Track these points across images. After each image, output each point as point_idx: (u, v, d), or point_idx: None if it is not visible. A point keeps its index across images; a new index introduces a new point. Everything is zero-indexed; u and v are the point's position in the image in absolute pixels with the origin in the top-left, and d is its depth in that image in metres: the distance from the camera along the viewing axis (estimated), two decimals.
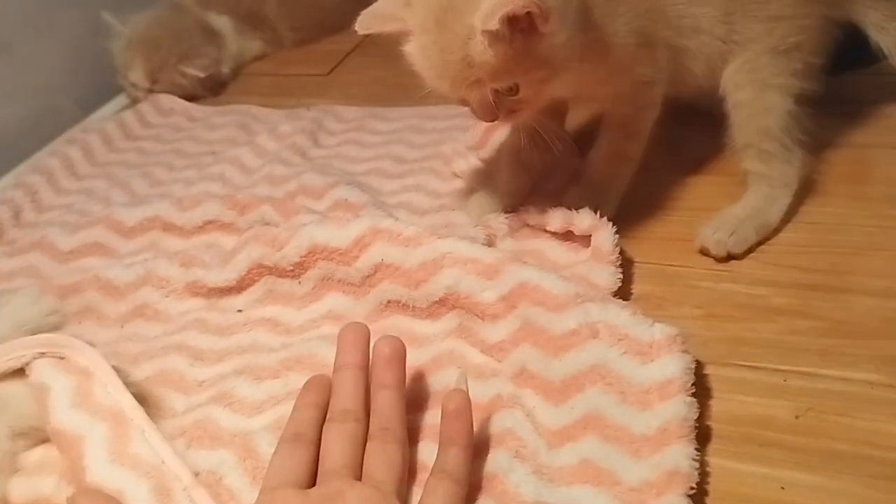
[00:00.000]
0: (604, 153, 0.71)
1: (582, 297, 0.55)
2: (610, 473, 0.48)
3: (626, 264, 0.66)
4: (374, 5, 0.60)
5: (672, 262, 0.67)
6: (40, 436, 0.57)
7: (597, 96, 0.70)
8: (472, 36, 0.54)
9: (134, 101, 1.14)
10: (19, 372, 0.58)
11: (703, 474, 0.48)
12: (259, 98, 1.10)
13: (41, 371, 0.56)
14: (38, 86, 1.08)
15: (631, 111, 0.69)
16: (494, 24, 0.52)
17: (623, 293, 0.63)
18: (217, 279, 0.69)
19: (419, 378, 0.58)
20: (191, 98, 1.12)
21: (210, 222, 0.78)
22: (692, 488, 0.45)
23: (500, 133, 0.79)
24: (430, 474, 0.48)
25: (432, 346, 0.61)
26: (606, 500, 0.46)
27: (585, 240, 0.67)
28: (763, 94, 0.68)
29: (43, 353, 0.57)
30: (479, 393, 0.54)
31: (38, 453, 0.57)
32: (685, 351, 0.51)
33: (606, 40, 0.62)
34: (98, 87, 1.16)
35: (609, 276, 0.62)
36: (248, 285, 0.69)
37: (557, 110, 0.73)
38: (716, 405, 0.53)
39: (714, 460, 0.49)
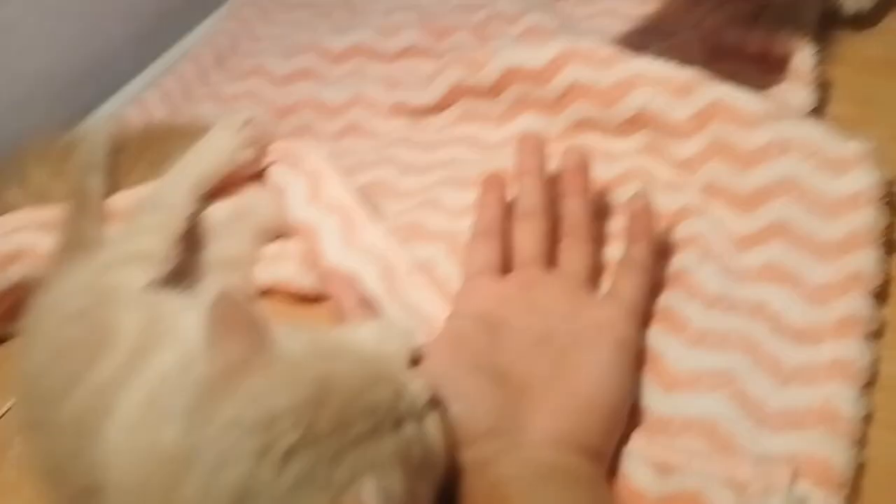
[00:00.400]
0: None
1: (776, 114, 0.56)
2: (794, 275, 0.51)
3: (823, 86, 0.65)
4: None
5: (869, 85, 0.65)
6: (276, 233, 0.66)
7: None
8: None
9: None
10: (256, 178, 0.67)
11: (889, 280, 0.50)
12: None
13: (277, 174, 0.65)
14: None
15: None
16: None
17: (818, 114, 0.62)
18: (419, 100, 0.75)
19: (606, 191, 0.61)
20: None
21: (410, 48, 0.83)
22: (875, 289, 0.48)
23: None
24: (618, 265, 0.52)
25: (620, 163, 0.63)
26: (790, 298, 0.50)
27: (782, 63, 0.66)
28: None
29: (278, 160, 0.66)
30: (667, 203, 0.57)
31: (274, 247, 0.66)
32: (877, 166, 0.52)
33: None
34: None
35: (805, 97, 0.62)
36: (447, 106, 0.74)
37: None
38: None
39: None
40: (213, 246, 0.64)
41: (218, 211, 0.64)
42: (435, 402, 0.41)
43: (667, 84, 0.61)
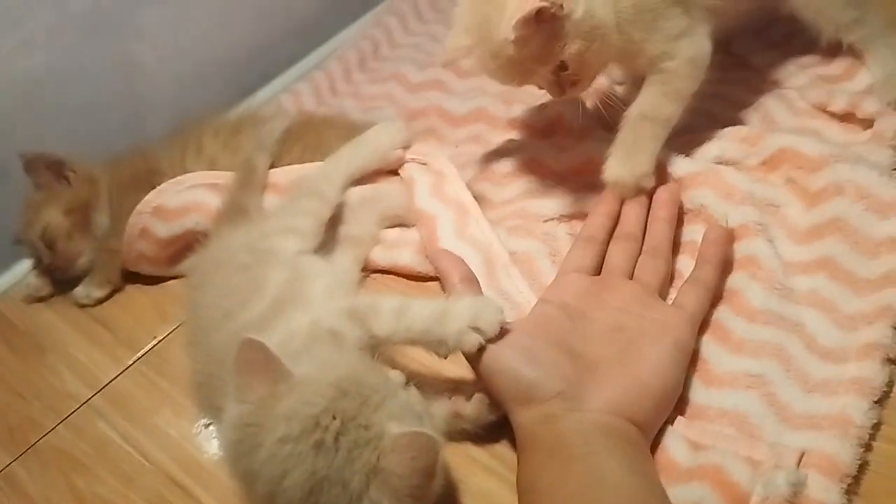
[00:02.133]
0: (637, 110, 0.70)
1: (836, 158, 0.65)
2: (832, 302, 0.60)
3: None
4: (447, 42, 0.69)
5: None
6: (398, 221, 0.78)
7: (641, 63, 0.69)
8: (505, 43, 0.61)
9: None
10: (393, 173, 0.79)
11: None
12: None
13: (410, 170, 0.77)
14: None
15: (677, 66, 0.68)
16: (512, 34, 0.59)
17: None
18: (532, 119, 0.85)
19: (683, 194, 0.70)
20: None
21: None
22: None
23: None
24: (686, 281, 0.63)
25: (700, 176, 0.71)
26: (825, 321, 0.59)
27: (866, 122, 0.73)
28: None
29: (413, 159, 0.78)
30: (731, 217, 0.66)
31: (395, 233, 0.78)
32: None
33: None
34: None
35: (887, 157, 0.68)
36: (553, 133, 0.83)
37: None
38: None
39: None
40: (346, 224, 0.76)
41: (353, 194, 0.77)
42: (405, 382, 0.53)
43: (736, 133, 0.72)
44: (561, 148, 0.79)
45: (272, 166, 0.81)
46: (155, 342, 0.77)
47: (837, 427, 0.52)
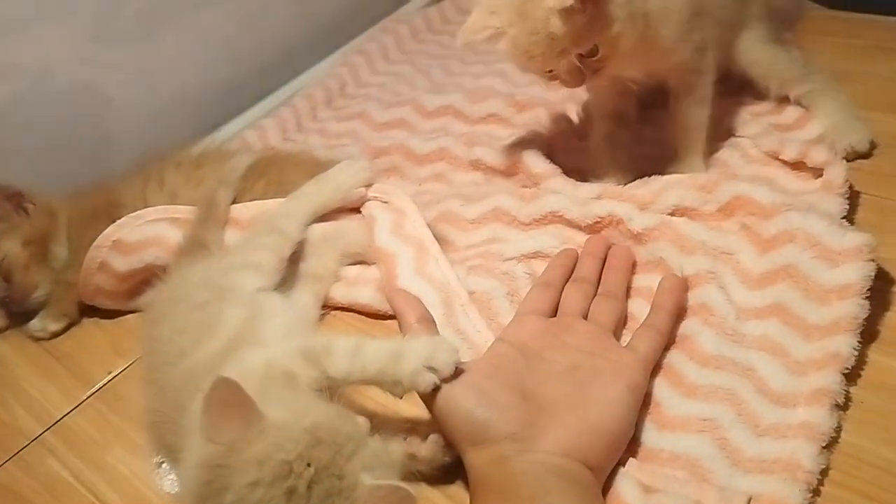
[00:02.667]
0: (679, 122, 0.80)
1: (787, 206, 0.67)
2: (783, 348, 0.61)
3: (851, 195, 0.74)
4: (467, 23, 0.71)
5: (891, 197, 0.75)
6: (359, 258, 0.78)
7: (663, 64, 0.76)
8: (550, 15, 0.64)
9: (436, 0, 1.32)
10: (355, 211, 0.79)
11: (861, 364, 0.60)
12: None
13: (371, 208, 0.78)
14: None
15: (693, 78, 0.78)
16: (569, 2, 0.62)
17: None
18: (493, 161, 0.87)
19: (636, 246, 0.72)
20: None
21: (492, 115, 0.96)
22: (847, 369, 0.58)
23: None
24: (641, 326, 0.64)
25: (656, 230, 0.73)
26: (775, 366, 0.60)
27: (816, 171, 0.75)
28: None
29: (375, 197, 0.78)
30: (686, 266, 0.68)
31: (355, 270, 0.78)
32: (870, 260, 0.61)
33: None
34: None
35: (836, 206, 0.70)
36: (514, 174, 0.86)
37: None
38: (893, 318, 0.64)
39: (874, 356, 0.61)
40: (306, 260, 0.76)
41: (314, 231, 0.77)
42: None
43: (694, 181, 0.74)
44: (524, 198, 0.80)
45: (235, 201, 0.81)
46: (109, 377, 0.76)
47: (787, 471, 0.53)
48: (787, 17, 0.94)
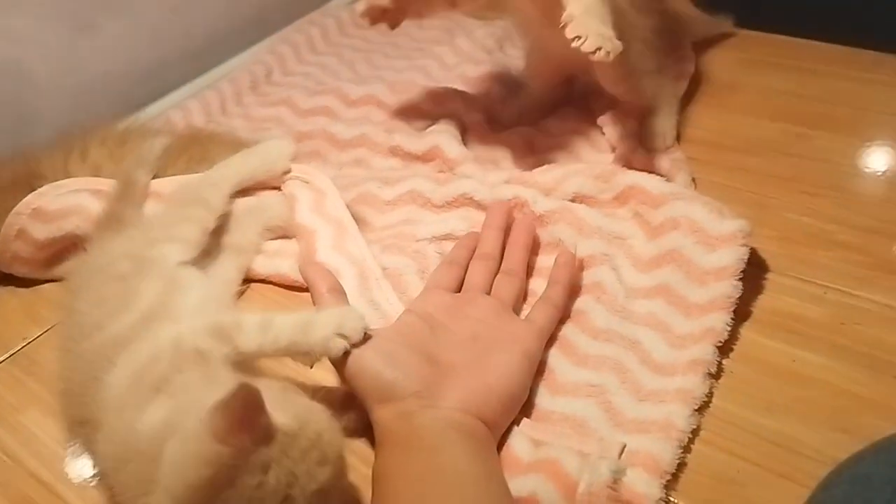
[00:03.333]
0: None
1: (674, 196, 0.73)
2: (666, 324, 0.67)
3: (728, 191, 0.82)
4: None
5: (769, 195, 0.83)
6: (280, 232, 0.81)
7: None
8: None
9: None
10: (276, 188, 0.82)
11: (734, 339, 0.67)
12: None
13: (292, 186, 0.81)
14: None
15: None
16: None
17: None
18: (411, 147, 0.91)
19: (538, 228, 0.78)
20: None
21: (412, 106, 1.00)
22: (720, 343, 0.64)
23: None
24: (538, 300, 0.69)
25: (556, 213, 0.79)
26: (658, 339, 0.66)
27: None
28: None
29: (296, 177, 0.82)
30: (581, 248, 0.73)
31: (276, 244, 0.81)
32: (744, 244, 0.68)
33: None
34: None
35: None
36: (431, 160, 0.90)
37: None
38: (764, 300, 0.71)
39: (745, 332, 0.68)
40: (229, 233, 0.78)
41: (237, 205, 0.79)
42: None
43: (592, 170, 0.80)
44: (439, 182, 0.84)
45: (156, 177, 0.83)
46: (24, 343, 0.77)
47: (662, 431, 0.59)
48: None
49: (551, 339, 0.67)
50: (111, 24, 1.06)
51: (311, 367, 0.59)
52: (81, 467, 0.64)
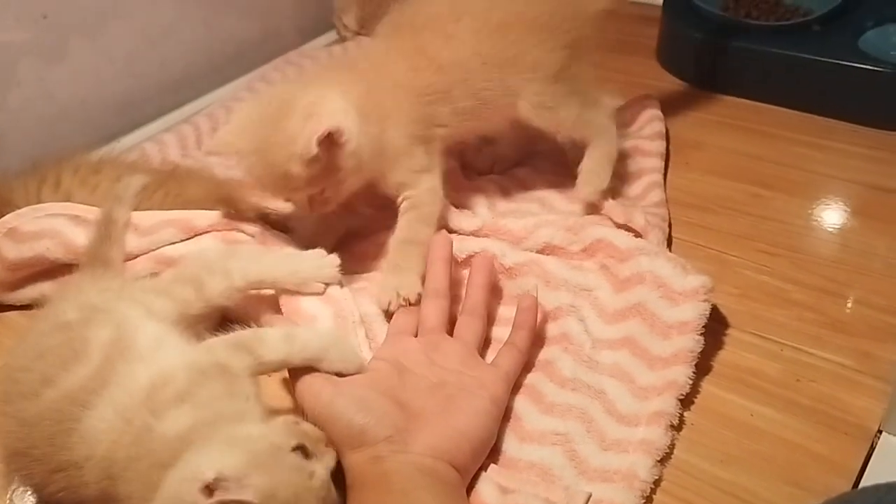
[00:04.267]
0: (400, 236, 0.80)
1: (640, 251, 0.76)
2: (630, 375, 0.70)
3: (691, 247, 0.86)
4: (217, 136, 0.78)
5: (729, 252, 0.86)
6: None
7: (386, 187, 0.80)
8: (292, 159, 0.69)
9: (342, 39, 1.39)
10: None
11: (695, 392, 0.69)
12: None
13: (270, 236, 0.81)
14: (269, 11, 1.34)
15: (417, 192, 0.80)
16: (314, 149, 0.68)
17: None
18: None
19: (506, 280, 0.80)
20: None
21: None
22: (682, 395, 0.67)
23: None
24: (503, 345, 0.71)
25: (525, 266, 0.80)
26: (622, 390, 0.68)
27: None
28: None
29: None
30: (548, 300, 0.76)
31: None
32: (706, 300, 0.71)
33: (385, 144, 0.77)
34: (316, 21, 1.42)
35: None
36: None
37: None
38: (724, 355, 0.74)
39: (706, 386, 0.70)
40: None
41: (208, 252, 0.78)
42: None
43: (565, 222, 0.82)
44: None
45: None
46: None
47: (625, 481, 0.61)
48: None
49: (518, 387, 0.69)
50: (85, 53, 1.07)
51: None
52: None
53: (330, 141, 0.69)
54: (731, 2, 1.24)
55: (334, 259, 0.74)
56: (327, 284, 0.74)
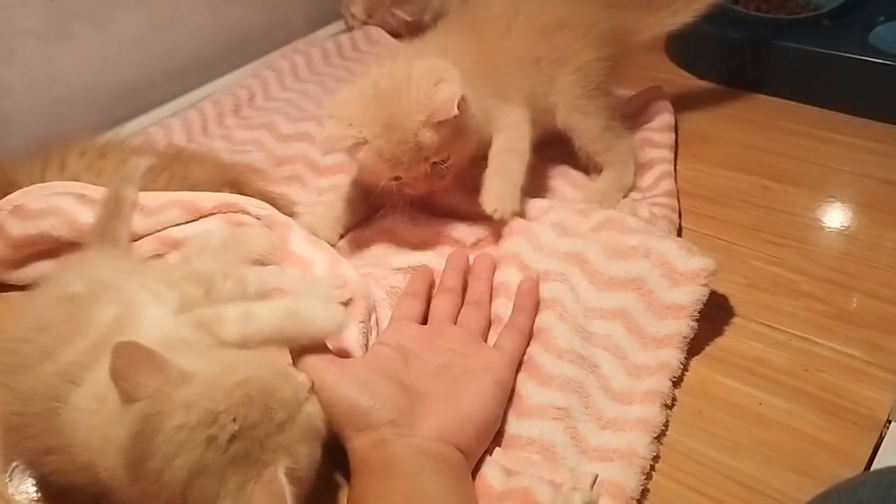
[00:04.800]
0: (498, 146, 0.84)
1: (648, 230, 0.76)
2: (623, 350, 0.69)
3: (699, 237, 0.86)
4: (326, 134, 0.76)
5: (737, 243, 0.86)
6: (259, 264, 0.77)
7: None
8: (422, 127, 0.73)
9: (349, 29, 1.38)
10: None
11: (704, 380, 0.69)
12: None
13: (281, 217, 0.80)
14: (277, 0, 1.34)
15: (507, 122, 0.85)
16: (454, 111, 0.71)
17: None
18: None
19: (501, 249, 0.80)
20: (395, 35, 1.33)
21: None
22: (675, 377, 0.67)
23: None
24: (504, 327, 0.70)
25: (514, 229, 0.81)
26: (615, 366, 0.68)
27: None
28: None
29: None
30: (538, 265, 0.76)
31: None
32: (706, 284, 0.70)
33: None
34: (323, 10, 1.41)
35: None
36: None
37: None
38: (732, 344, 0.73)
39: (714, 375, 0.70)
40: (199, 262, 0.73)
41: (214, 238, 0.76)
42: (313, 389, 0.56)
43: (575, 205, 0.83)
44: (414, 222, 0.85)
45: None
46: None
47: (625, 458, 0.61)
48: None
49: (519, 365, 0.69)
50: (91, 38, 1.07)
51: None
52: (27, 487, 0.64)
53: (459, 107, 0.72)
54: None
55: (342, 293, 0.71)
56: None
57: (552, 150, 0.95)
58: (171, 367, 0.50)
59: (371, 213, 0.89)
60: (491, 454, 0.62)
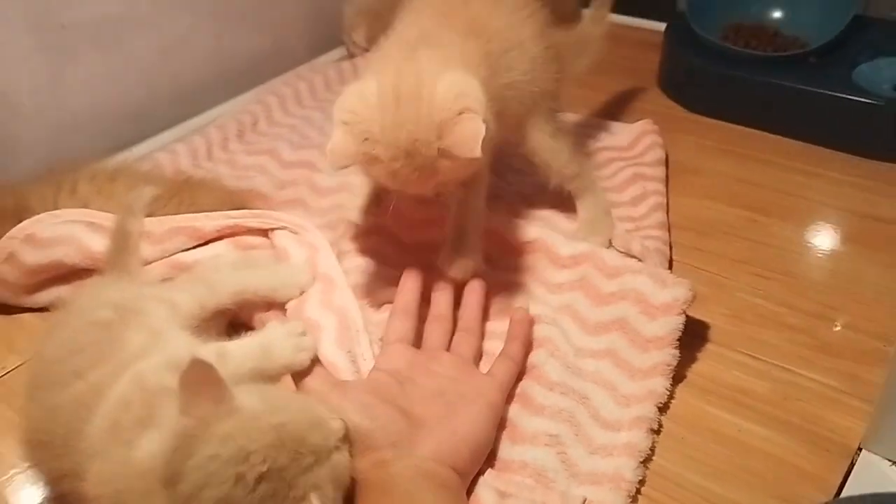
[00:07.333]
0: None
1: (626, 268, 0.80)
2: (612, 383, 0.73)
3: (687, 270, 0.89)
4: (336, 146, 0.68)
5: (723, 275, 0.89)
6: None
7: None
8: (438, 156, 0.67)
9: (350, 56, 1.42)
10: (263, 233, 0.84)
11: (686, 407, 0.72)
12: None
13: (283, 238, 0.83)
14: (280, 26, 1.37)
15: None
16: (477, 152, 0.65)
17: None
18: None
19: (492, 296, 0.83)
20: None
21: None
22: (661, 404, 0.70)
23: None
24: (497, 357, 0.73)
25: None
26: (605, 397, 0.72)
27: None
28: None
29: (284, 227, 0.84)
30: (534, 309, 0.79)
31: None
32: (682, 313, 0.74)
33: None
34: (325, 38, 1.45)
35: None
36: None
37: None
38: (716, 373, 0.76)
39: (698, 402, 0.73)
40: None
41: (224, 261, 0.80)
42: (346, 437, 0.57)
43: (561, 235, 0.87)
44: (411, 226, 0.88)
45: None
46: (2, 373, 0.79)
47: (613, 482, 0.64)
48: None
49: (511, 397, 0.72)
50: (99, 63, 1.10)
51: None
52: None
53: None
54: (731, 31, 1.28)
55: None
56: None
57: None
58: (230, 399, 0.52)
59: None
60: (484, 475, 0.64)
